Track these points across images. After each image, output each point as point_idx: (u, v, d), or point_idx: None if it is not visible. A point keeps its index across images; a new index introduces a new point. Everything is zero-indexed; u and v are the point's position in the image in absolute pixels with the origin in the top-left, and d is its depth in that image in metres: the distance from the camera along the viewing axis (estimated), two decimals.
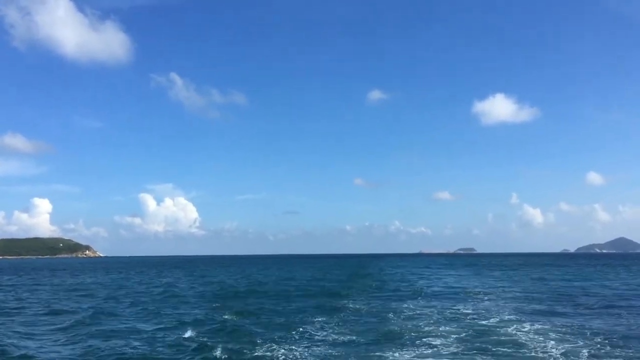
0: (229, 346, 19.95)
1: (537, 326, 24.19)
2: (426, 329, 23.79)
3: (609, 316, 28.23)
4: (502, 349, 19.32)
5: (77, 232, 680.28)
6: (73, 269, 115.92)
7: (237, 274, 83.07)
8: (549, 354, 18.63)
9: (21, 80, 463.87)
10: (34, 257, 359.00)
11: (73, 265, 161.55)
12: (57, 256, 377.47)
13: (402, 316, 28.14)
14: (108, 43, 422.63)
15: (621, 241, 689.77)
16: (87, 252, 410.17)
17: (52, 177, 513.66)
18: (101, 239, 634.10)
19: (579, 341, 20.67)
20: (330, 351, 19.39)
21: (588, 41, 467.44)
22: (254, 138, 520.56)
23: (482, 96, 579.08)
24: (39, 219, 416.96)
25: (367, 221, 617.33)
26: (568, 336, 21.70)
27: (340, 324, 25.60)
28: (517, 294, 41.38)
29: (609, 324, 25.23)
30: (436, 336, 21.88)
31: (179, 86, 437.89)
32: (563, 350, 18.98)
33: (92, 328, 25.13)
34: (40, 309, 33.55)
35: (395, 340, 21.25)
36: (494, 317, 27.12)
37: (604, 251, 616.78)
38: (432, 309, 30.71)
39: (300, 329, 23.68)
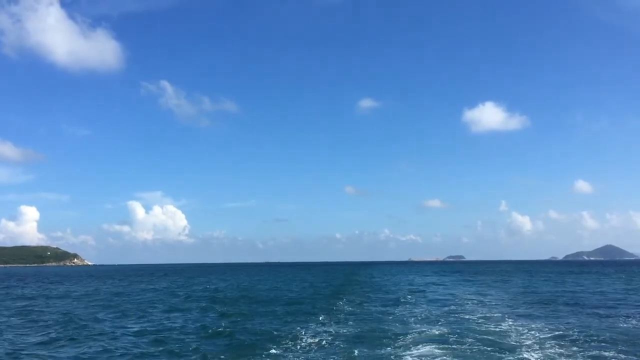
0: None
1: (517, 323, 25.49)
2: (416, 331, 24.54)
3: (586, 316, 29.49)
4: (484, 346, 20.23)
5: (65, 240, 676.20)
6: (86, 278, 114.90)
7: (264, 281, 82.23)
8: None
9: (10, 87, 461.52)
10: (21, 265, 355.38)
11: (73, 273, 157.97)
12: (44, 264, 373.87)
13: (393, 320, 28.78)
14: (99, 50, 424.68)
15: (608, 248, 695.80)
16: (76, 260, 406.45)
17: (40, 185, 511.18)
18: (89, 247, 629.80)
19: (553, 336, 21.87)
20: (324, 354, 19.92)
21: (578, 51, 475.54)
22: (244, 146, 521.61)
23: (472, 104, 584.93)
24: (26, 227, 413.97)
25: (357, 229, 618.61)
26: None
27: (333, 328, 26.18)
28: (505, 298, 42.26)
29: (584, 323, 26.52)
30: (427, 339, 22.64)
31: (170, 94, 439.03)
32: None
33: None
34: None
35: (388, 342, 21.85)
36: (481, 318, 28.10)
37: (592, 258, 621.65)
38: (422, 313, 31.46)
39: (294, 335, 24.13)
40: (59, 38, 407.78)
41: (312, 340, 22.39)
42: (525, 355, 18.87)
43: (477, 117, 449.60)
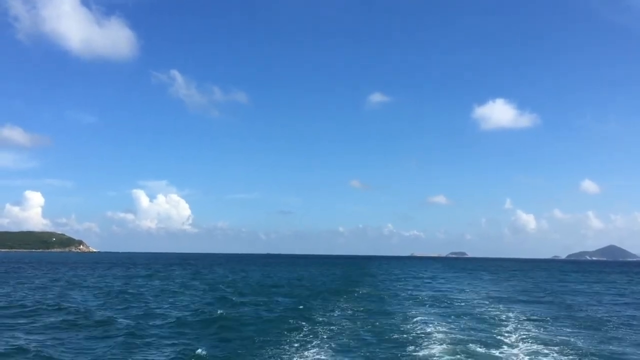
0: None
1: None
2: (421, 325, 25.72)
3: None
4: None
5: (69, 226, 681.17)
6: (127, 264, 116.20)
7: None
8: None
9: (24, 73, 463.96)
10: (26, 250, 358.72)
11: (104, 259, 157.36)
12: (49, 250, 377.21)
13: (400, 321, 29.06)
14: (112, 39, 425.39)
15: (611, 249, 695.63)
16: (81, 247, 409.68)
17: (45, 171, 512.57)
18: (93, 234, 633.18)
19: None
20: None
21: (590, 51, 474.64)
22: (252, 137, 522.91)
23: (482, 101, 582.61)
24: (31, 212, 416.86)
25: (361, 223, 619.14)
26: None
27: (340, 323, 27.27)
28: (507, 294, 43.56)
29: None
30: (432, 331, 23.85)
31: (180, 83, 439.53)
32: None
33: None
34: None
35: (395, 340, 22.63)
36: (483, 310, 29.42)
37: (594, 258, 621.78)
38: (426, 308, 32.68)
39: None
40: (73, 25, 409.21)
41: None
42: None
43: (487, 114, 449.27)
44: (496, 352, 18.99)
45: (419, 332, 23.14)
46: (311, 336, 21.69)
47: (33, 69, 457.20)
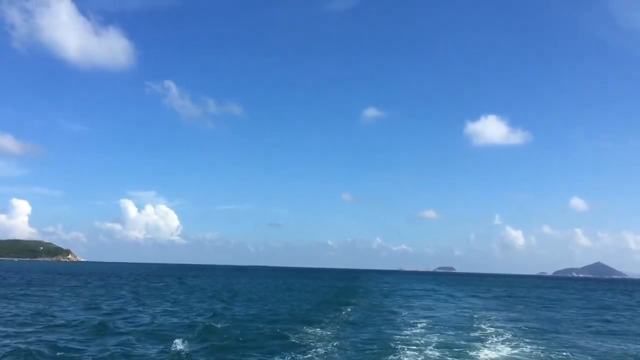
0: None
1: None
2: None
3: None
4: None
5: (57, 235, 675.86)
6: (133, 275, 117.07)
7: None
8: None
9: (18, 81, 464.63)
10: (14, 259, 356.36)
11: (107, 270, 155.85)
12: (36, 259, 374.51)
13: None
14: (109, 48, 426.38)
15: (598, 266, 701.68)
16: (70, 256, 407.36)
17: (33, 179, 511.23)
18: (80, 243, 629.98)
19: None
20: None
21: (581, 69, 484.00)
22: (244, 149, 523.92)
23: (475, 117, 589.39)
24: (17, 220, 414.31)
25: (351, 237, 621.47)
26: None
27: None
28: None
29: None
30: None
31: (174, 94, 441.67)
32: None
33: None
34: None
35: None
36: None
37: (581, 275, 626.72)
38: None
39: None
40: (70, 35, 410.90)
41: None
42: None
43: (479, 130, 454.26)
44: None
45: None
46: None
47: (28, 78, 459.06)
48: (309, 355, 21.65)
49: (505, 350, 24.28)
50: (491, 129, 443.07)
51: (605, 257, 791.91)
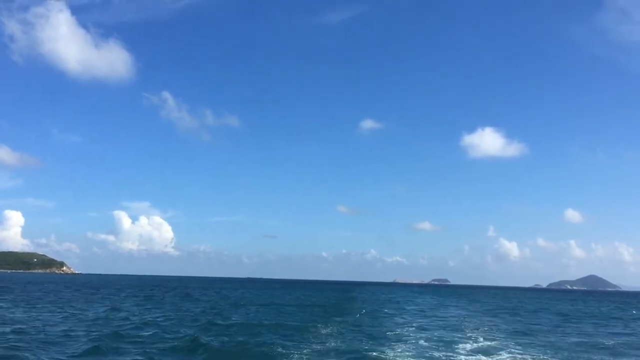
0: None
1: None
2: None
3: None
4: None
5: (50, 247, 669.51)
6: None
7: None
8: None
9: (16, 93, 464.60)
10: (7, 271, 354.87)
11: (112, 282, 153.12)
12: (30, 271, 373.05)
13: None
14: (109, 60, 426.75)
15: (591, 279, 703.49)
16: (64, 268, 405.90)
17: (26, 190, 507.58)
18: (73, 255, 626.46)
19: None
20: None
21: (577, 83, 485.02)
22: (240, 161, 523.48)
23: (472, 129, 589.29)
24: (10, 232, 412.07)
25: (345, 248, 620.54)
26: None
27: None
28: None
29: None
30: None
31: (171, 105, 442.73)
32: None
33: None
34: None
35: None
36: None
37: (575, 288, 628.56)
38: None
39: None
40: (70, 47, 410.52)
41: None
42: None
43: (475, 142, 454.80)
44: None
45: None
46: None
47: (27, 89, 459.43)
48: None
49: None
50: (488, 141, 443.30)
51: (599, 269, 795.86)
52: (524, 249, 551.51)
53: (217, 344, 25.86)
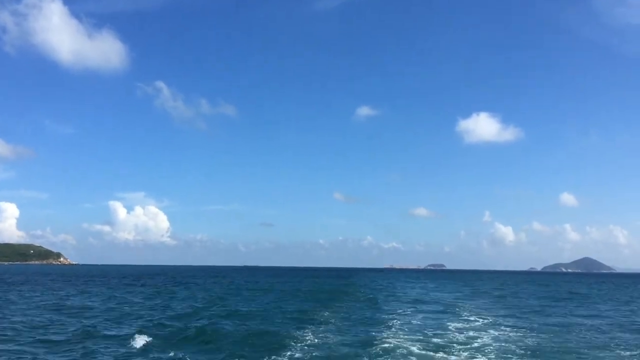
0: None
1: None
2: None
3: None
4: None
5: (45, 238, 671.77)
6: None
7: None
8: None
9: (8, 84, 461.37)
10: (4, 262, 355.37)
11: (112, 274, 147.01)
12: (27, 262, 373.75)
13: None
14: (102, 50, 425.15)
15: (586, 261, 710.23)
16: (61, 259, 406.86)
17: (21, 182, 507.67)
18: (69, 246, 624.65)
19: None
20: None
21: (572, 66, 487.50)
22: (236, 149, 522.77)
23: (467, 114, 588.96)
24: (5, 223, 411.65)
25: (341, 235, 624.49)
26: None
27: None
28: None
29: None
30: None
31: (165, 94, 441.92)
32: None
33: None
34: None
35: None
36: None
37: (569, 270, 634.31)
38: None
39: None
40: (62, 38, 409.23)
41: None
42: None
43: (470, 127, 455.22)
44: None
45: None
46: None
47: (20, 81, 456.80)
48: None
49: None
50: (483, 126, 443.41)
51: (594, 251, 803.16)
52: (520, 233, 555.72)
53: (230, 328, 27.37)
